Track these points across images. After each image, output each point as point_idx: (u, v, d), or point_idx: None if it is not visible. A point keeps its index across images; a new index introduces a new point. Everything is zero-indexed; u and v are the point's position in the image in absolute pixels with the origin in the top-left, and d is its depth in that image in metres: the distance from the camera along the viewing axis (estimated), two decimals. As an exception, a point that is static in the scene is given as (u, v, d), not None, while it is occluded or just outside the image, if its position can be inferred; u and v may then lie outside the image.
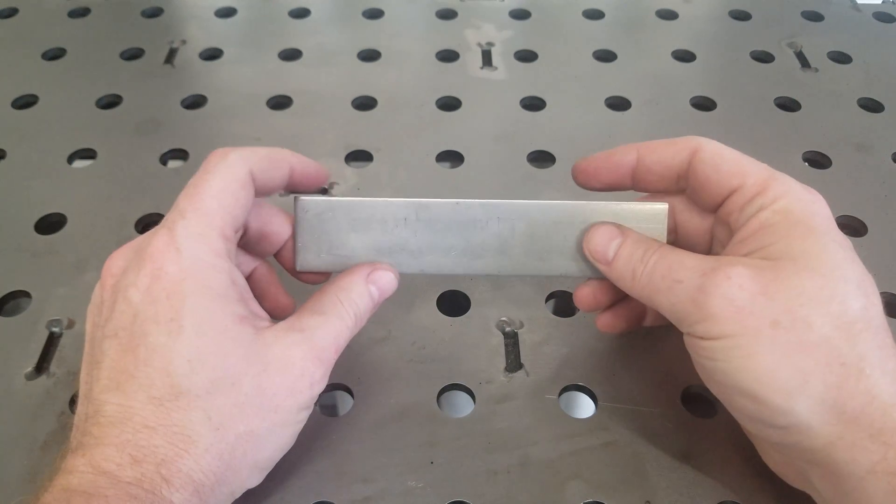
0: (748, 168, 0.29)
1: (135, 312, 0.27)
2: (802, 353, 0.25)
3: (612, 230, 0.31)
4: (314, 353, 0.29)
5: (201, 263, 0.28)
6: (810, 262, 0.26)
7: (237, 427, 0.27)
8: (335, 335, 0.30)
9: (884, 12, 0.60)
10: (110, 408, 0.26)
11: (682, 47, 0.57)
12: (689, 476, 0.32)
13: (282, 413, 0.28)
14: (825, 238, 0.27)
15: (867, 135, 0.49)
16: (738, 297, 0.26)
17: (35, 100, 0.52)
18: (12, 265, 0.40)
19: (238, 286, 0.29)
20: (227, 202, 0.29)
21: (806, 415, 0.25)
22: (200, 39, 0.57)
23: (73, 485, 0.25)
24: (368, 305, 0.31)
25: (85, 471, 0.25)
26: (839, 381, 0.25)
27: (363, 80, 0.53)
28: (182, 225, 0.28)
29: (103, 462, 0.25)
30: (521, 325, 0.38)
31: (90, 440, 0.26)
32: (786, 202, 0.28)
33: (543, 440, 0.33)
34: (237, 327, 0.28)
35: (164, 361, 0.26)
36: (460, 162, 0.47)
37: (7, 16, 0.60)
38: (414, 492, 0.31)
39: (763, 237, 0.28)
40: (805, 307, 0.26)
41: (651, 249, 0.30)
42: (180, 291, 0.27)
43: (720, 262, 0.27)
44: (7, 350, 0.36)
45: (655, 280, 0.29)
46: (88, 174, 0.46)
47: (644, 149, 0.32)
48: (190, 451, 0.26)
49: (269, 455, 0.28)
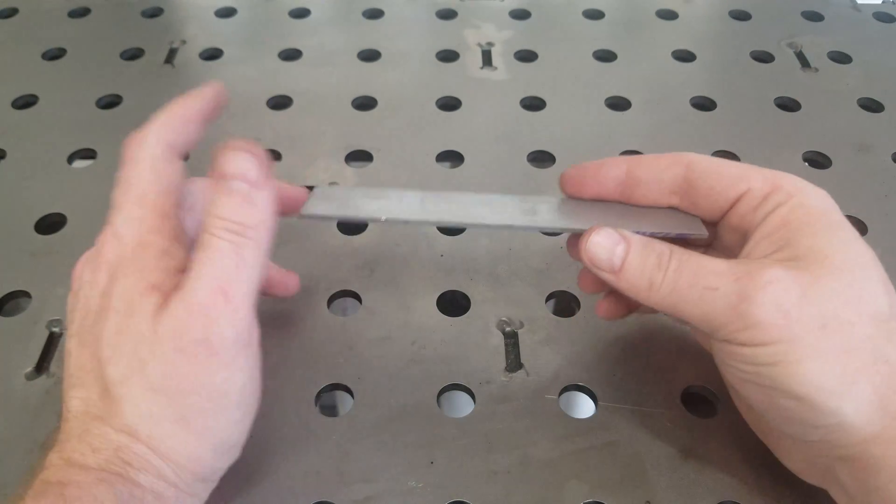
0: (751, 172, 0.29)
1: (88, 308, 0.28)
2: (849, 355, 0.25)
3: (612, 234, 0.29)
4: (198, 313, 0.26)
5: (133, 244, 0.28)
6: (839, 261, 0.26)
7: (164, 412, 0.26)
8: (210, 279, 0.26)
9: (884, 12, 0.60)
10: (74, 402, 0.27)
11: (682, 47, 0.57)
12: (689, 476, 0.32)
13: (203, 394, 0.26)
14: (846, 233, 0.27)
15: (867, 135, 0.49)
16: (786, 302, 0.25)
17: (35, 100, 0.52)
18: (12, 265, 0.40)
19: (169, 255, 0.28)
20: (154, 180, 0.29)
21: (852, 415, 0.25)
22: (200, 39, 0.57)
23: (48, 476, 0.25)
24: (242, 207, 0.27)
25: (58, 464, 0.26)
26: (884, 379, 0.25)
27: (363, 80, 0.53)
28: (118, 215, 0.29)
29: (71, 454, 0.26)
30: (521, 325, 0.38)
31: (62, 436, 0.27)
32: (802, 198, 0.28)
33: (543, 440, 0.33)
34: (143, 300, 0.26)
35: (99, 351, 0.27)
36: (460, 162, 0.47)
37: (7, 16, 0.60)
38: (414, 492, 0.31)
39: (787, 234, 0.27)
40: (845, 308, 0.26)
41: (665, 254, 0.28)
42: (115, 276, 0.27)
43: (751, 266, 0.27)
44: (7, 350, 0.36)
45: (681, 289, 0.27)
46: (88, 174, 0.46)
47: (634, 162, 0.31)
48: (137, 437, 0.26)
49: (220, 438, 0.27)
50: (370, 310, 0.38)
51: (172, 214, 0.29)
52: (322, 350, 0.36)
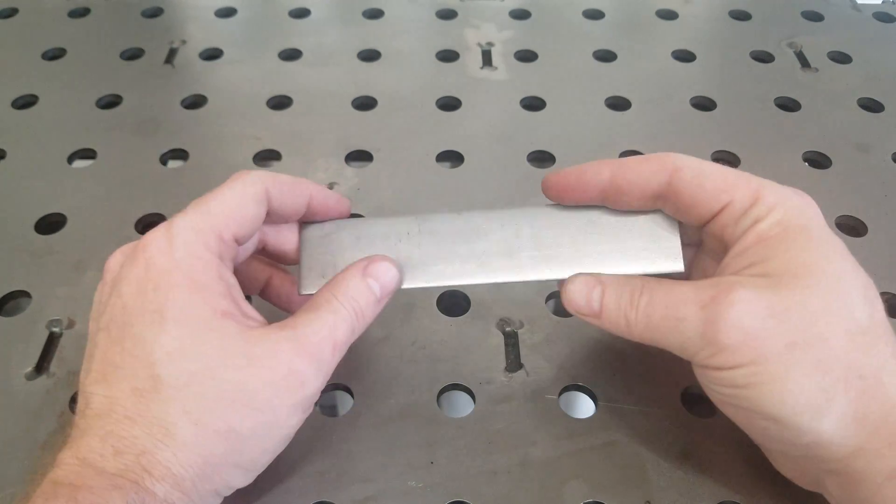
0: (734, 181, 0.28)
1: (124, 305, 0.27)
2: (823, 372, 0.25)
3: (588, 280, 0.30)
4: (305, 350, 0.28)
5: (190, 257, 0.28)
6: (813, 275, 0.26)
7: (216, 424, 0.26)
8: (329, 330, 0.29)
9: (884, 12, 0.60)
10: (96, 399, 0.26)
11: (682, 47, 0.57)
12: (689, 476, 0.32)
13: (268, 413, 0.27)
14: (825, 247, 0.27)
15: (867, 135, 0.49)
16: (749, 324, 0.25)
17: (35, 100, 0.52)
18: (12, 265, 0.40)
19: (225, 282, 0.29)
20: (232, 208, 0.29)
21: (831, 432, 0.25)
22: (200, 39, 0.57)
23: (59, 477, 0.25)
24: (369, 300, 0.30)
25: (71, 463, 0.25)
26: (859, 394, 0.25)
27: (363, 80, 0.53)
28: (180, 219, 0.28)
29: (88, 454, 0.25)
30: (521, 325, 0.38)
31: (77, 432, 0.26)
32: (781, 212, 0.27)
33: (543, 440, 0.33)
34: (218, 321, 0.27)
35: (146, 352, 0.26)
36: (460, 162, 0.47)
37: (7, 16, 0.60)
38: (414, 492, 0.31)
39: (761, 250, 0.27)
40: (817, 323, 0.25)
41: (636, 290, 0.29)
42: (167, 283, 0.27)
43: (719, 287, 0.26)
44: (7, 350, 0.36)
45: (655, 322, 0.28)
46: (88, 174, 0.46)
47: (618, 167, 0.30)
48: (168, 444, 0.26)
49: (253, 457, 0.28)
50: (370, 310, 0.38)
51: (230, 241, 0.29)
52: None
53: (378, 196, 0.44)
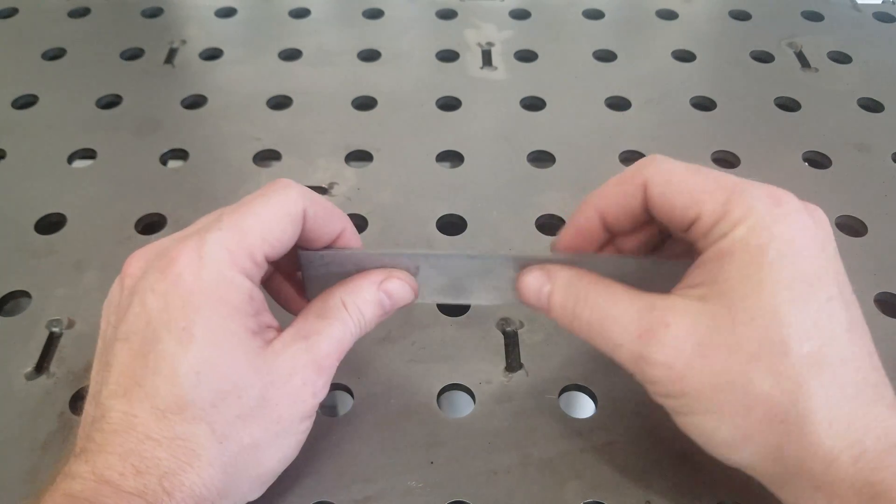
0: (702, 194, 0.27)
1: (149, 318, 0.26)
2: (743, 413, 0.25)
3: (538, 276, 0.30)
4: (316, 362, 0.29)
5: (221, 277, 0.27)
6: (750, 308, 0.25)
7: (242, 439, 0.27)
8: (338, 342, 0.29)
9: (884, 12, 0.60)
10: (115, 415, 0.26)
11: (682, 47, 0.57)
12: (689, 476, 0.32)
13: (284, 423, 0.28)
14: (776, 275, 0.25)
15: (867, 135, 0.49)
16: (675, 365, 0.26)
17: (35, 100, 0.52)
18: (12, 265, 0.40)
19: (256, 301, 0.28)
20: (270, 228, 0.28)
21: (750, 462, 0.26)
22: (200, 39, 0.57)
23: (75, 491, 0.24)
24: (376, 313, 0.30)
25: (88, 478, 0.25)
26: (779, 440, 0.25)
27: (363, 80, 0.53)
28: (215, 235, 0.27)
29: (106, 470, 0.25)
30: (521, 325, 0.38)
31: (93, 446, 0.26)
32: (744, 228, 0.26)
33: (543, 440, 0.33)
34: (248, 341, 0.27)
35: (172, 371, 0.26)
36: (460, 162, 0.47)
37: (7, 16, 0.60)
38: (414, 492, 0.31)
39: (716, 268, 0.26)
40: (744, 364, 0.25)
41: (580, 300, 0.28)
42: (196, 302, 0.26)
43: (654, 319, 0.26)
44: (7, 350, 0.36)
45: (595, 338, 0.28)
46: (88, 174, 0.46)
47: (600, 202, 0.30)
48: (193, 465, 0.26)
49: (271, 467, 0.28)
50: (370, 310, 0.38)
51: (262, 262, 0.28)
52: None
53: (378, 196, 0.44)
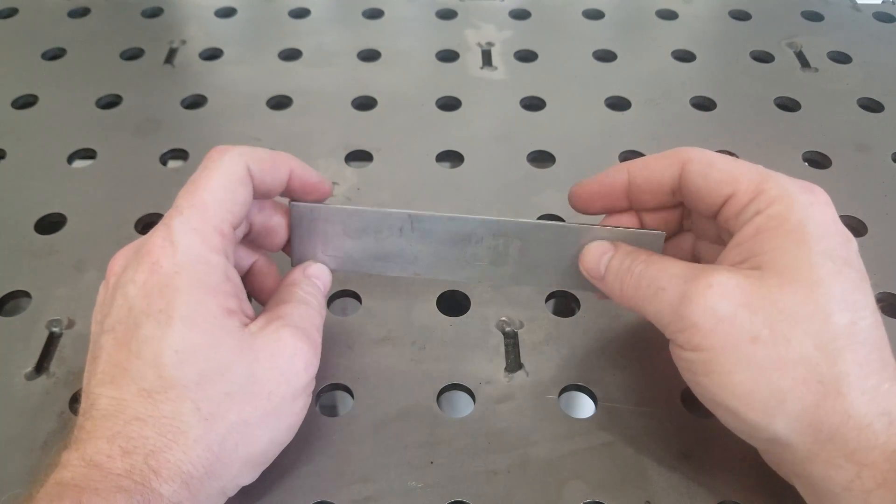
0: (739, 173, 0.29)
1: (130, 307, 0.27)
2: (780, 371, 0.25)
3: (604, 246, 0.32)
4: (301, 333, 0.29)
5: (195, 258, 0.28)
6: (795, 275, 0.26)
7: (228, 417, 0.27)
8: (310, 317, 0.31)
9: (884, 12, 0.60)
10: (103, 401, 0.26)
11: (682, 47, 0.57)
12: (689, 476, 0.32)
13: (275, 399, 0.28)
14: (817, 247, 0.27)
15: (867, 135, 0.49)
16: (720, 308, 0.26)
17: (35, 100, 0.52)
18: (12, 265, 0.40)
19: (232, 282, 0.29)
20: (224, 198, 0.29)
21: (784, 432, 0.26)
22: (200, 39, 0.57)
23: (65, 479, 0.25)
24: (319, 293, 0.33)
25: (77, 464, 0.25)
26: (816, 399, 0.25)
27: (363, 80, 0.53)
28: (178, 221, 0.28)
29: (95, 455, 0.25)
30: (521, 325, 0.38)
31: (83, 434, 0.26)
32: (781, 206, 0.27)
33: (543, 440, 0.33)
34: (227, 320, 0.28)
35: (154, 353, 0.26)
36: (460, 162, 0.47)
37: (7, 16, 0.60)
38: (414, 492, 0.31)
39: (756, 244, 0.27)
40: (785, 323, 0.26)
41: (638, 259, 0.30)
42: (173, 285, 0.27)
43: (704, 270, 0.27)
44: (7, 350, 0.36)
45: (642, 289, 0.29)
46: (88, 174, 0.46)
47: (634, 166, 0.32)
48: (179, 442, 0.26)
49: (262, 448, 0.28)
50: (370, 310, 0.38)
51: (229, 233, 0.29)
52: (322, 350, 0.36)
53: (378, 196, 0.44)
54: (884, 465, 0.24)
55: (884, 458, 0.24)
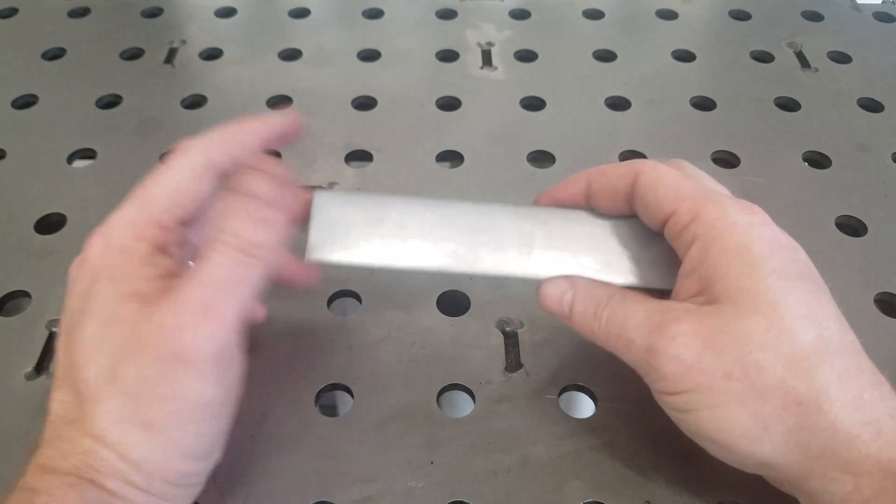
0: (683, 194, 0.29)
1: (70, 308, 0.28)
2: (759, 400, 0.25)
3: (560, 284, 0.31)
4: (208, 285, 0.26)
5: (121, 248, 0.28)
6: (752, 301, 0.26)
7: (133, 419, 0.26)
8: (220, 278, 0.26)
9: (884, 12, 0.60)
10: (54, 405, 0.27)
11: (682, 47, 0.57)
12: (689, 476, 0.32)
13: (185, 361, 0.25)
14: (767, 268, 0.27)
15: (867, 135, 0.49)
16: (686, 356, 0.26)
17: (35, 100, 0.52)
18: (12, 265, 0.40)
19: (159, 266, 0.28)
20: (173, 192, 0.29)
21: (772, 456, 0.26)
22: (200, 39, 0.57)
23: (26, 483, 0.25)
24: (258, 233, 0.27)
25: (33, 469, 0.26)
26: (799, 421, 0.25)
27: (363, 80, 0.53)
28: (119, 213, 0.29)
29: (45, 460, 0.26)
30: (521, 325, 0.38)
31: (41, 440, 0.27)
32: (719, 231, 0.27)
33: (543, 440, 0.33)
34: (124, 305, 0.26)
35: (77, 353, 0.27)
36: (460, 162, 0.47)
37: (7, 16, 0.60)
38: (414, 492, 0.31)
39: (708, 272, 0.27)
40: (754, 353, 0.26)
41: (602, 303, 0.30)
42: (98, 277, 0.27)
43: (666, 317, 0.27)
44: (7, 350, 0.36)
45: (612, 339, 0.29)
46: (88, 174, 0.46)
47: (594, 174, 0.32)
48: (101, 444, 0.26)
49: (188, 442, 0.27)
50: (370, 310, 0.38)
51: (172, 226, 0.29)
52: (322, 350, 0.36)
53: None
54: (878, 474, 0.24)
55: (878, 468, 0.24)
